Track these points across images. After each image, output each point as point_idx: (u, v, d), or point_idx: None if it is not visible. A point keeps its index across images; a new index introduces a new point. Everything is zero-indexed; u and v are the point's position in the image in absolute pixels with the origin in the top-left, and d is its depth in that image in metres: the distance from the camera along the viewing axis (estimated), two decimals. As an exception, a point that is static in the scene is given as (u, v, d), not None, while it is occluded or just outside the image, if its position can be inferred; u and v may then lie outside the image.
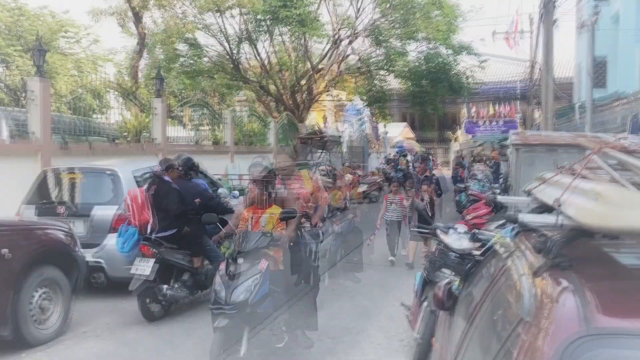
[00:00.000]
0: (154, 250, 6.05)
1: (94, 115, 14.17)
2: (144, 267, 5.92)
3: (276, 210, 4.83)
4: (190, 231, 6.32)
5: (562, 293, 1.52)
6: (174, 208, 6.21)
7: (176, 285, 6.22)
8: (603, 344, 1.33)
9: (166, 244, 6.18)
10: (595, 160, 2.02)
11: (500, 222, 3.97)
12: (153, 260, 5.98)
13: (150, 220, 6.19)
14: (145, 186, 6.49)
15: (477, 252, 3.63)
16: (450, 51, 21.37)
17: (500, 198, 4.48)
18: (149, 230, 6.19)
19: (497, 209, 9.46)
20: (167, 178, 6.37)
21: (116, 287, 6.67)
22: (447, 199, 15.14)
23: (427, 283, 4.66)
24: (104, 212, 6.99)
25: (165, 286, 6.07)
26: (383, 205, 9.39)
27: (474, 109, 31.98)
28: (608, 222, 1.52)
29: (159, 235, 6.18)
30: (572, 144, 5.48)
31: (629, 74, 16.44)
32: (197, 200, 6.43)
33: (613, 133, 9.64)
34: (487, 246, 2.92)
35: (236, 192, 9.51)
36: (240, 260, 4.41)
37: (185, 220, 6.29)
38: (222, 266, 4.59)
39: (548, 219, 1.82)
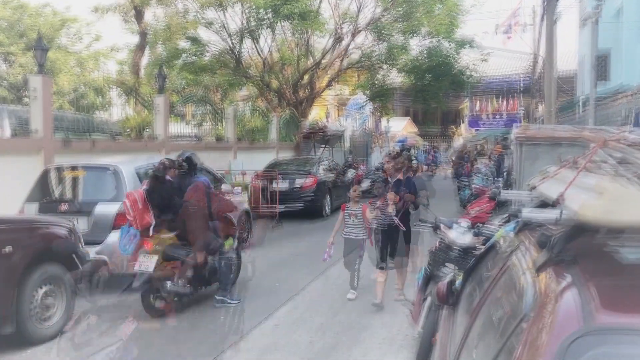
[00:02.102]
0: (157, 246, 6.05)
1: (96, 112, 14.19)
2: (148, 264, 5.92)
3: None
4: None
5: (565, 289, 1.50)
6: (176, 207, 6.22)
7: (180, 282, 6.21)
8: (606, 340, 1.32)
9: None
10: (599, 155, 2.00)
11: (504, 217, 3.96)
12: (156, 256, 5.98)
13: (152, 222, 6.19)
14: (144, 187, 6.46)
15: (481, 247, 3.61)
16: (453, 45, 21.26)
17: (504, 193, 4.46)
18: (151, 233, 6.18)
19: (501, 203, 9.44)
20: (168, 177, 6.36)
21: (119, 283, 6.66)
22: (447, 196, 15.12)
23: (430, 279, 4.65)
24: (107, 209, 6.99)
25: (168, 282, 6.06)
26: (339, 217, 7.01)
27: (477, 104, 31.95)
28: (612, 217, 1.51)
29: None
30: (576, 139, 5.47)
31: (632, 67, 16.35)
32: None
33: (616, 126, 9.61)
34: (490, 242, 2.91)
35: (238, 188, 9.49)
36: None
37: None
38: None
39: (551, 214, 1.80)
